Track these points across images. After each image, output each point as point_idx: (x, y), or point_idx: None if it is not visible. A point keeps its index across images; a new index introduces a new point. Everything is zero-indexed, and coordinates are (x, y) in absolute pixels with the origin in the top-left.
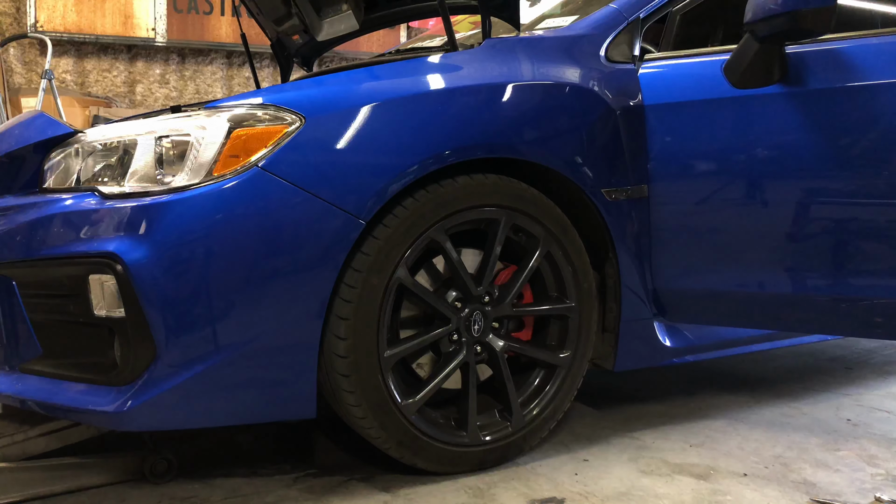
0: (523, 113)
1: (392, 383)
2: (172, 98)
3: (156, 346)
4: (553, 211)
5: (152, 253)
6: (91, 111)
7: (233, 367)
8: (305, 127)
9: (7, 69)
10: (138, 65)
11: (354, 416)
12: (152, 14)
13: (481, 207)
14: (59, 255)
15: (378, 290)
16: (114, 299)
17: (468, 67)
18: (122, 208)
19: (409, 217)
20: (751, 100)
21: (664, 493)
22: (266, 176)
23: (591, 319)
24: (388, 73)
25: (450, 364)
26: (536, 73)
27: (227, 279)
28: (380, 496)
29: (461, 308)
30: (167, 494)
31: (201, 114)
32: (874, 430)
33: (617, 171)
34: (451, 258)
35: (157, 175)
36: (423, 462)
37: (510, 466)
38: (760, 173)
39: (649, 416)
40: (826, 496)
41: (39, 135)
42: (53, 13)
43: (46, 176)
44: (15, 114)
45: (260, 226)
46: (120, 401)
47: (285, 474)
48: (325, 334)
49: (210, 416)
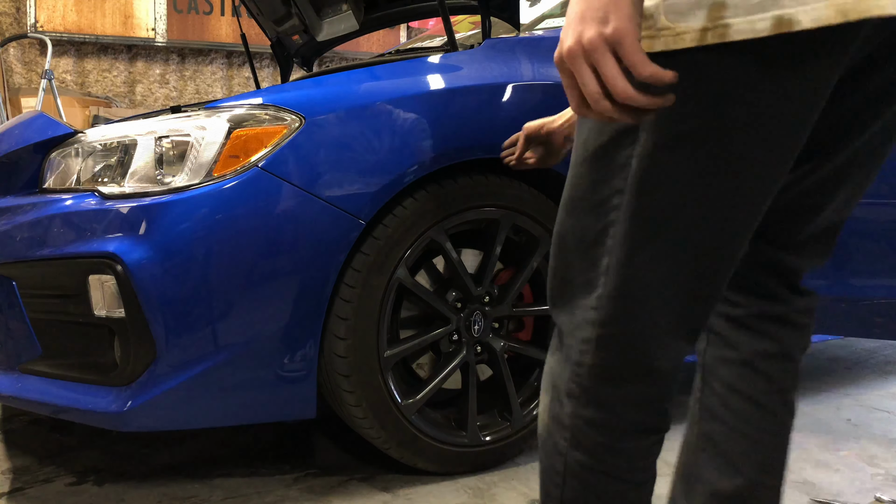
0: (523, 113)
1: (392, 383)
2: (172, 98)
3: (156, 346)
4: (553, 211)
5: (152, 253)
6: (91, 111)
7: (233, 367)
8: (305, 127)
9: (7, 69)
10: (138, 65)
11: (354, 416)
12: (152, 14)
13: (481, 208)
14: (59, 256)
15: (378, 290)
16: (114, 299)
17: (468, 68)
18: (122, 209)
19: (409, 217)
20: None
21: (664, 493)
22: (266, 176)
23: None
24: (388, 73)
25: (450, 364)
26: (536, 73)
27: (227, 279)
28: (380, 496)
29: (461, 308)
30: (167, 494)
31: (201, 114)
32: (874, 430)
33: None
34: (451, 258)
35: (157, 175)
36: (423, 462)
37: (510, 466)
38: None
39: None
40: (826, 496)
41: (39, 135)
42: (53, 13)
43: (46, 176)
44: (15, 114)
45: (260, 226)
46: (120, 401)
47: (285, 474)
48: (325, 334)
49: (210, 416)
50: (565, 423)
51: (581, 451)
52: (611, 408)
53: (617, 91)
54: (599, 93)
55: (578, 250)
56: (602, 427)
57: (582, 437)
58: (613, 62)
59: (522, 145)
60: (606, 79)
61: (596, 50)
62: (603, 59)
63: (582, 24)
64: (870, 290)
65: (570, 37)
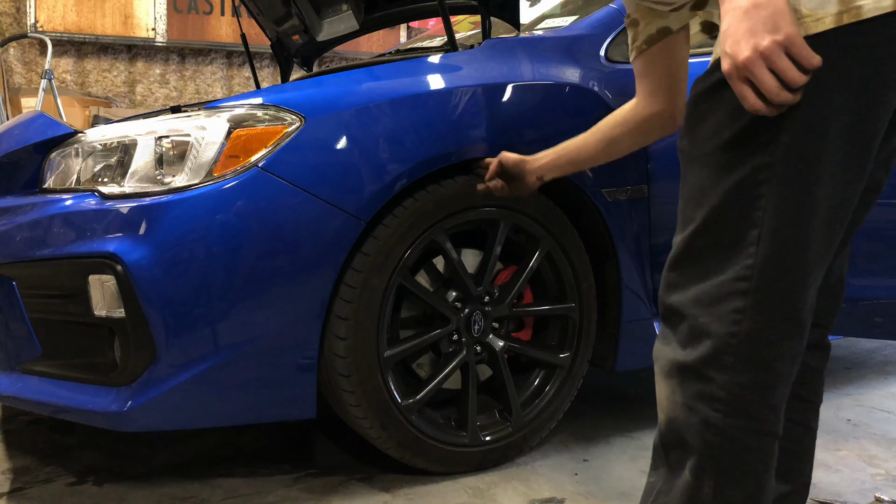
0: (523, 113)
1: (392, 383)
2: (172, 98)
3: (156, 346)
4: (553, 211)
5: (152, 253)
6: (91, 111)
7: (233, 367)
8: (305, 127)
9: (7, 69)
10: (138, 65)
11: (354, 416)
12: (152, 14)
13: (481, 208)
14: (60, 256)
15: (378, 290)
16: (114, 299)
17: (468, 67)
18: (122, 208)
19: (409, 217)
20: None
21: None
22: (266, 176)
23: (591, 319)
24: (388, 73)
25: (450, 364)
26: (536, 73)
27: (227, 279)
28: (380, 496)
29: (461, 308)
30: (167, 494)
31: (201, 114)
32: (874, 430)
33: (617, 171)
34: (451, 258)
35: (157, 175)
36: (423, 462)
37: (510, 466)
38: None
39: (649, 416)
40: (826, 496)
41: (39, 135)
42: (53, 13)
43: (46, 176)
44: (15, 114)
45: (260, 226)
46: (120, 401)
47: (285, 474)
48: (326, 334)
49: (210, 416)
50: (718, 394)
51: (739, 417)
52: (771, 367)
53: (795, 81)
54: (779, 86)
55: (720, 230)
56: (763, 387)
57: (741, 402)
58: (788, 61)
59: (495, 170)
60: (784, 74)
61: (773, 53)
62: (779, 60)
63: (753, 37)
64: (870, 290)
65: (744, 49)
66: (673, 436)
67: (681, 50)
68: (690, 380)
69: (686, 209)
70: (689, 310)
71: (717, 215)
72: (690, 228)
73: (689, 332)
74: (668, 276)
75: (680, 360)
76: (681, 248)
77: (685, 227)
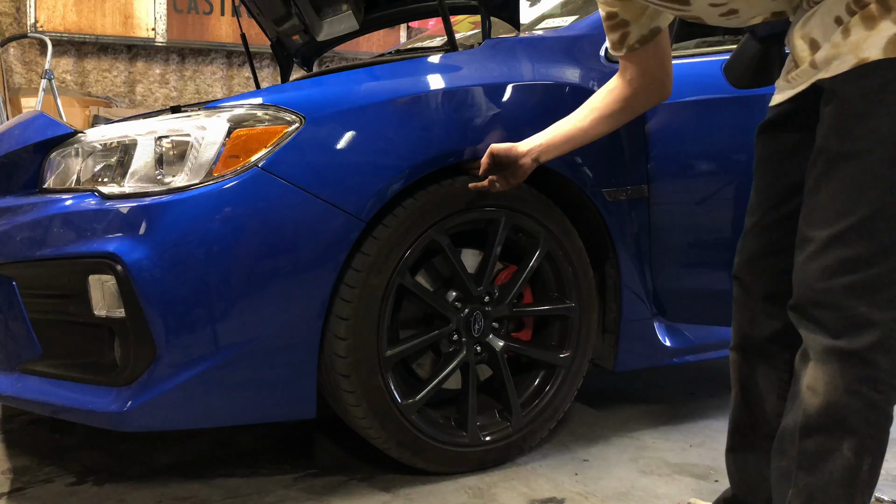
0: (523, 113)
1: (392, 383)
2: (172, 98)
3: (156, 346)
4: (553, 211)
5: (152, 253)
6: (91, 111)
7: (233, 367)
8: (305, 127)
9: (7, 69)
10: (138, 65)
11: (354, 416)
12: (152, 14)
13: (481, 207)
14: (59, 256)
15: (378, 290)
16: (114, 299)
17: (468, 67)
18: (122, 208)
19: (409, 217)
20: (751, 99)
21: (664, 493)
22: (266, 176)
23: (591, 319)
24: (388, 73)
25: (450, 364)
26: (536, 73)
27: (227, 279)
28: (380, 496)
29: (461, 308)
30: (167, 494)
31: (201, 114)
32: None
33: (617, 171)
34: (451, 258)
35: (157, 175)
36: (423, 462)
37: (510, 466)
38: None
39: (649, 416)
40: None
41: (39, 135)
42: (53, 13)
43: (46, 176)
44: (15, 114)
45: (260, 226)
46: (120, 401)
47: (285, 474)
48: (325, 334)
49: (210, 416)
50: (882, 377)
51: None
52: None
53: None
54: None
55: (889, 225)
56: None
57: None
58: None
59: (487, 163)
60: None
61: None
62: None
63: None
64: None
65: None
66: (829, 420)
67: (666, 39)
68: (854, 366)
69: (836, 204)
70: (845, 301)
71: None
72: (850, 221)
73: (848, 321)
74: (813, 268)
75: (840, 348)
76: (832, 242)
77: (838, 222)
